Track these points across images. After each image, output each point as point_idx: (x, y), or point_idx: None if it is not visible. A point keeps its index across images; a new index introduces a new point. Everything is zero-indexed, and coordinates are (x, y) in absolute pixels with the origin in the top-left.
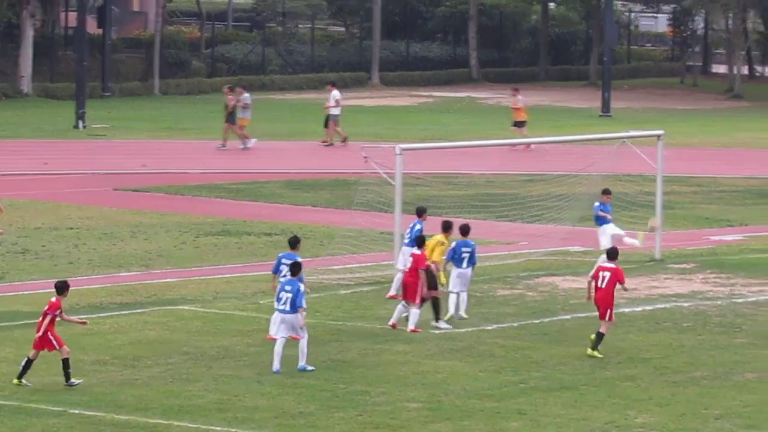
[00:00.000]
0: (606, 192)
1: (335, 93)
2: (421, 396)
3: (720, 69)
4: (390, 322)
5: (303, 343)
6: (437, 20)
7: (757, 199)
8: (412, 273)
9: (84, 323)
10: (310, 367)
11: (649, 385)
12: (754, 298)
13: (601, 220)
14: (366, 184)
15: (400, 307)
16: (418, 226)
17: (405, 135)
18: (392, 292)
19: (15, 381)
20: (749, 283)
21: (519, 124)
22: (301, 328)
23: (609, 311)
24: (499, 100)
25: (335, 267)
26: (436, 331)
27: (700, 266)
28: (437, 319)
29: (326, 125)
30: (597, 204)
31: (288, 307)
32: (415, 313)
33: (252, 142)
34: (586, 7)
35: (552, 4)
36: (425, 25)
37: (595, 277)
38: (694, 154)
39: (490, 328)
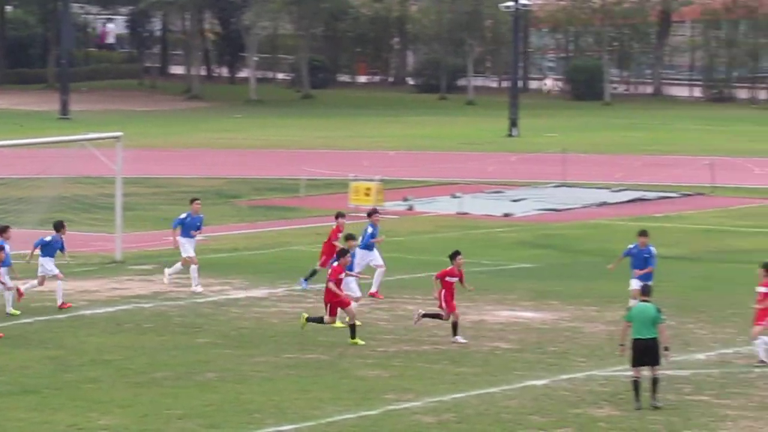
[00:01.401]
0: (193, 200)
1: None
2: None
3: (178, 70)
4: None
5: None
6: None
7: (216, 199)
8: None
9: None
10: None
11: (112, 387)
12: (214, 298)
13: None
14: None
15: None
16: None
17: None
18: None
19: None
20: (210, 283)
21: None
22: None
23: (332, 305)
24: None
25: None
26: None
27: (161, 267)
28: None
29: None
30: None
31: None
32: None
33: None
34: (43, 10)
35: (9, 7)
36: None
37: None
38: (155, 155)
39: None
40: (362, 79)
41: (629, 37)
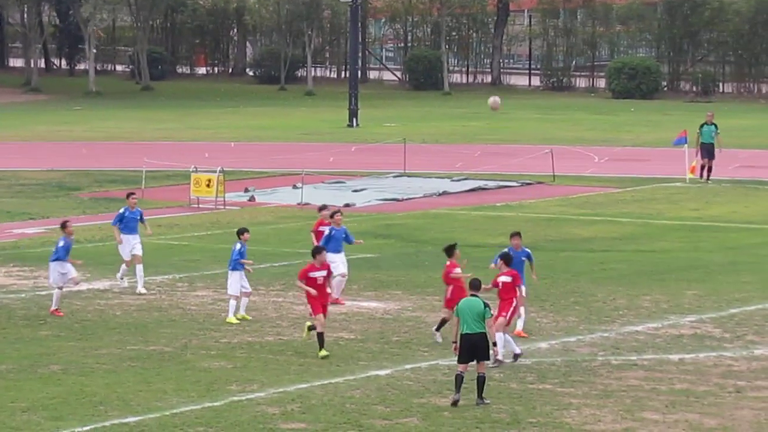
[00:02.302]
0: (129, 195)
1: None
2: None
3: (17, 63)
4: None
5: None
6: None
7: (57, 191)
8: None
9: None
10: None
11: None
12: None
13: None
14: None
15: None
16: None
17: None
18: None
19: None
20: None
21: None
22: None
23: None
24: None
25: None
26: None
27: (2, 260)
28: None
29: None
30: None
31: None
32: None
33: None
34: None
35: None
36: None
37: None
38: None
39: None
40: (202, 70)
41: (468, 27)
